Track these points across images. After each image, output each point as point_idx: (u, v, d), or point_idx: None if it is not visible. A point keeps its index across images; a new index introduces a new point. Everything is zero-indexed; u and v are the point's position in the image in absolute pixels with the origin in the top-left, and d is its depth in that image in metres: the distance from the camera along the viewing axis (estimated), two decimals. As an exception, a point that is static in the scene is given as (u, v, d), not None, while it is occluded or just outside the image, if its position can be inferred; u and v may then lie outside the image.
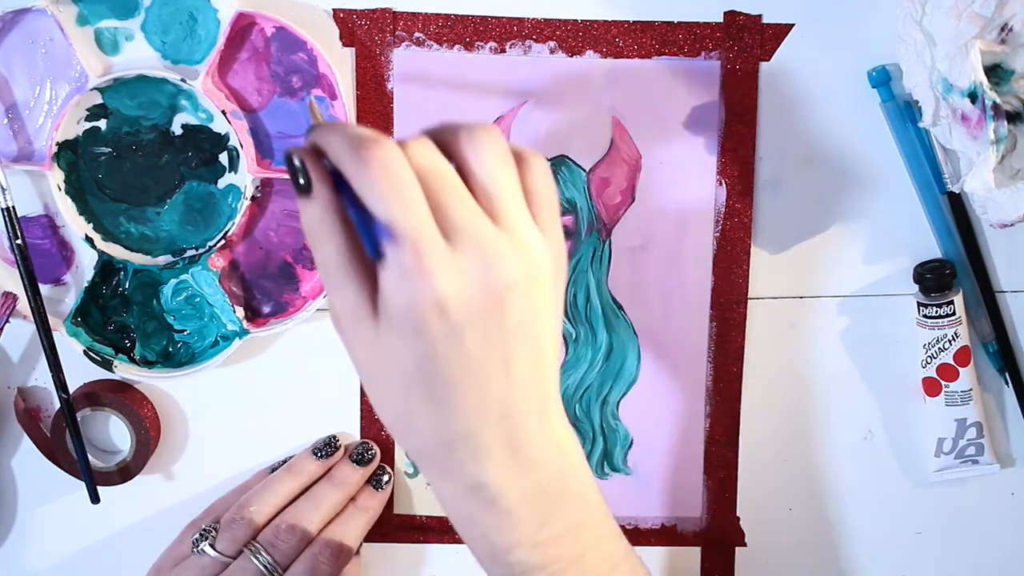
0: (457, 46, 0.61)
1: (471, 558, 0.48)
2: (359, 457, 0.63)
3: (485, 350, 0.42)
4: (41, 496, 0.65)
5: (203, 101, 0.59)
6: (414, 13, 0.60)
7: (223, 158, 0.61)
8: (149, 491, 0.65)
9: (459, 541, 0.47)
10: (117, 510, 0.65)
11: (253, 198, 0.61)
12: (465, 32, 0.60)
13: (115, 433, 0.64)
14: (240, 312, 0.61)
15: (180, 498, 0.65)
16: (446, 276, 0.40)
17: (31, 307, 0.59)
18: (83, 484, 0.63)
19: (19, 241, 0.59)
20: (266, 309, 0.62)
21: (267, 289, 0.62)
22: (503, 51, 0.61)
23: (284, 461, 0.64)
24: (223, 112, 0.59)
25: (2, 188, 0.58)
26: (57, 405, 0.62)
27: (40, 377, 0.63)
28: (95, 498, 0.62)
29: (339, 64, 0.60)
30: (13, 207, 0.58)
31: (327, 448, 0.63)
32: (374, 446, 0.63)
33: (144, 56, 0.59)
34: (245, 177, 0.60)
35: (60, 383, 0.60)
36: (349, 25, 0.60)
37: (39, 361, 0.63)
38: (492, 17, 0.60)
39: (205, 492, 0.65)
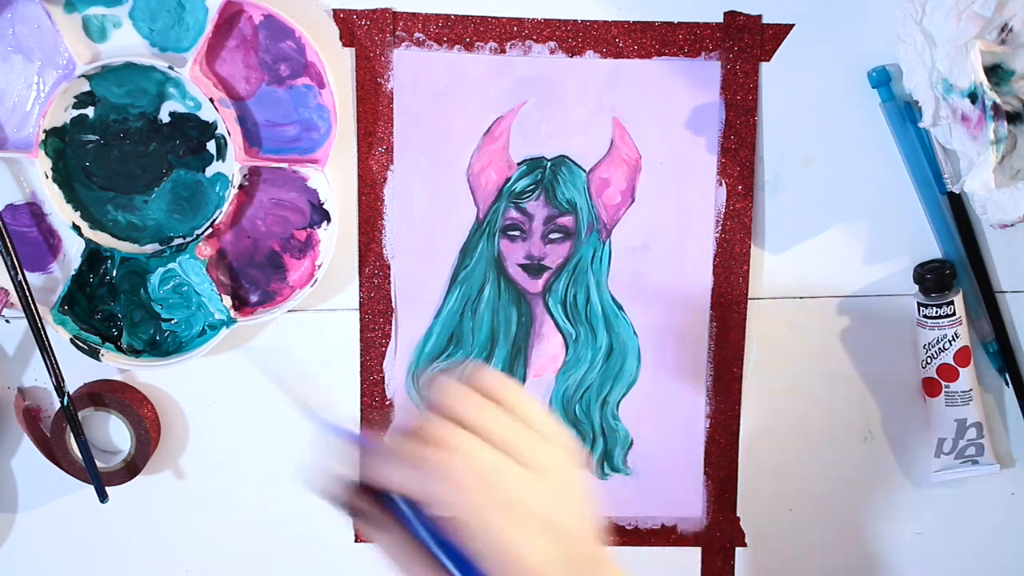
0: (457, 46, 0.61)
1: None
2: None
3: None
4: (41, 496, 0.65)
5: (191, 89, 0.59)
6: (414, 13, 0.60)
7: (211, 146, 0.60)
8: (150, 491, 0.65)
9: None
10: (118, 510, 0.65)
11: (241, 187, 0.61)
12: (465, 32, 0.60)
13: (115, 433, 0.64)
14: (227, 301, 0.61)
15: (181, 497, 0.65)
16: None
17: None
18: (83, 484, 0.63)
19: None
20: (254, 298, 0.62)
21: (255, 278, 0.62)
22: (503, 51, 0.61)
23: None
24: (211, 100, 0.59)
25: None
26: (57, 405, 0.62)
27: (40, 377, 0.63)
28: (103, 496, 0.62)
29: (339, 64, 0.60)
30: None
31: None
32: None
33: (132, 44, 0.59)
34: (233, 165, 0.60)
35: (58, 386, 0.60)
36: (349, 25, 0.60)
37: (38, 360, 0.63)
38: (492, 17, 0.60)
39: (206, 490, 0.65)
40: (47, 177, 0.59)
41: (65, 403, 0.60)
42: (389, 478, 0.42)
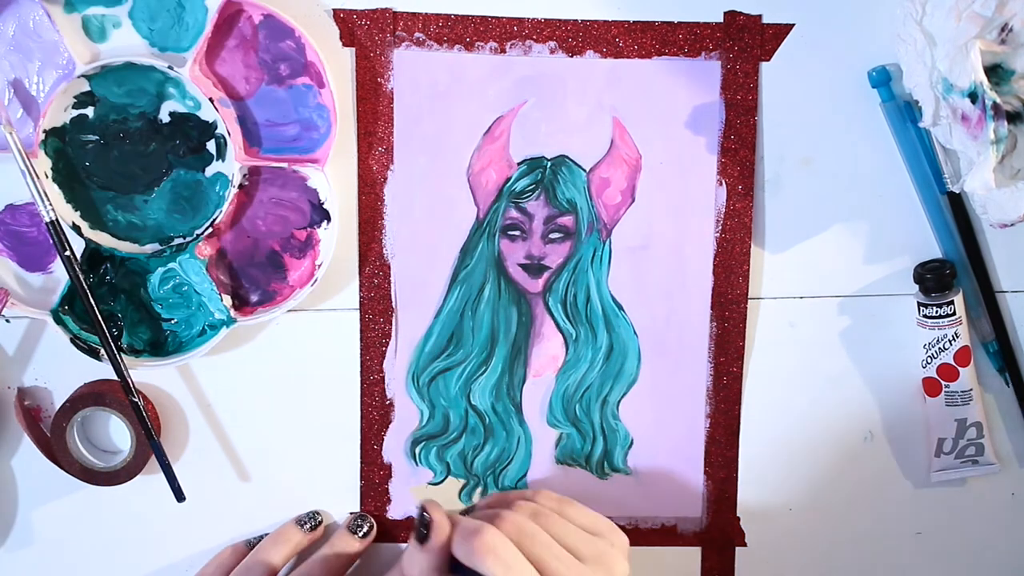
0: (457, 46, 0.61)
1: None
2: (356, 528, 0.64)
3: None
4: (41, 496, 0.65)
5: (191, 89, 0.59)
6: (414, 13, 0.60)
7: (211, 146, 0.60)
8: (150, 491, 0.65)
9: None
10: (118, 510, 0.65)
11: (241, 186, 0.61)
12: (465, 32, 0.60)
13: (115, 433, 0.64)
14: (227, 301, 0.61)
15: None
16: None
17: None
18: (83, 484, 0.63)
19: (68, 253, 0.59)
20: (254, 298, 0.62)
21: (255, 278, 0.62)
22: (503, 51, 0.61)
23: (260, 538, 0.64)
24: (211, 100, 0.59)
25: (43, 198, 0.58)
26: (57, 405, 0.62)
27: (40, 377, 0.63)
28: (180, 496, 0.62)
29: (339, 64, 0.60)
30: (56, 220, 0.58)
31: (311, 520, 0.64)
32: (371, 520, 0.64)
33: (131, 43, 0.59)
34: (233, 165, 0.60)
35: (128, 388, 0.60)
36: (349, 25, 0.60)
37: (39, 360, 0.63)
38: (492, 17, 0.60)
39: (205, 491, 0.65)
40: (47, 177, 0.59)
41: (140, 404, 0.60)
42: None
